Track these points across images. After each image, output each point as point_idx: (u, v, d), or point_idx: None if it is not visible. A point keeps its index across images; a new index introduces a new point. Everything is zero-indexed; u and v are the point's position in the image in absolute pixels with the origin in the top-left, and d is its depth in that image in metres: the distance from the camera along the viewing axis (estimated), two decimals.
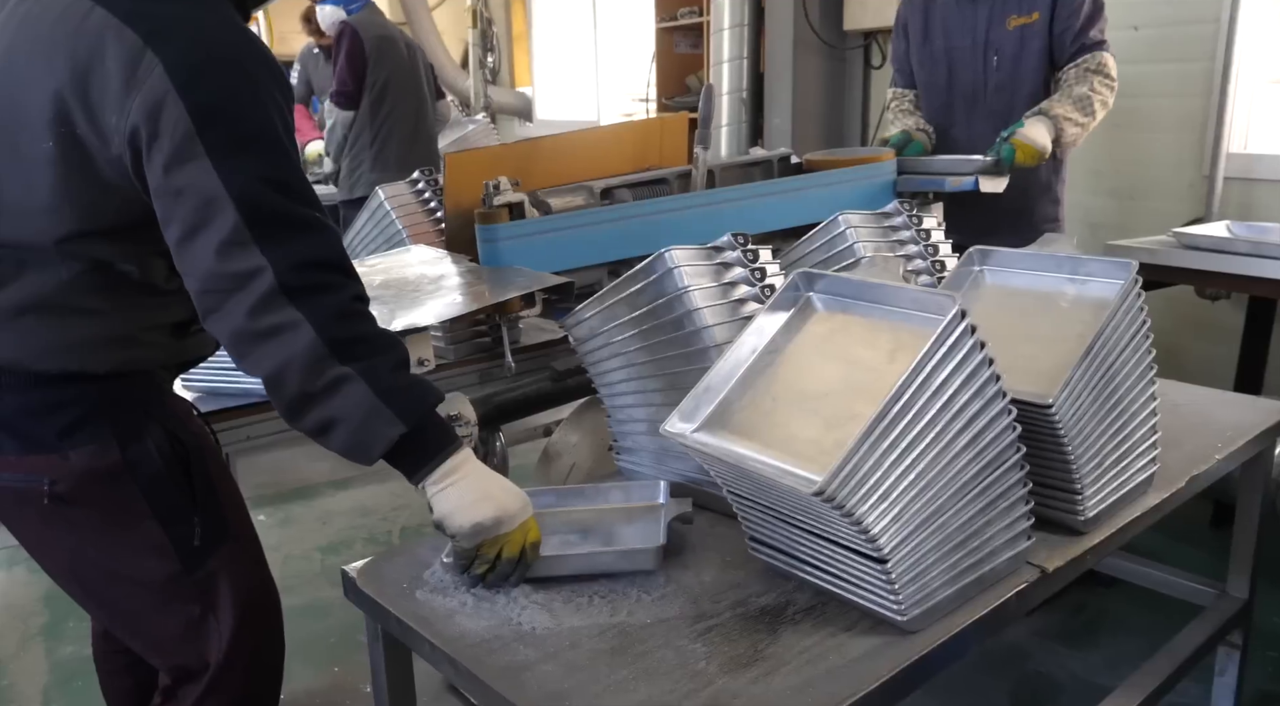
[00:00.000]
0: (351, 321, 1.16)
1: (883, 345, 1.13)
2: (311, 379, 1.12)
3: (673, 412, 1.18)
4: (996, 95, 2.71)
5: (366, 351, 1.15)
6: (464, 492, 1.20)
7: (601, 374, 1.58)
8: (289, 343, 1.12)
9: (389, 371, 1.15)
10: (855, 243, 1.66)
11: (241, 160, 1.13)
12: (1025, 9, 2.62)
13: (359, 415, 1.13)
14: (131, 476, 1.29)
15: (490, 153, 2.04)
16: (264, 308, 1.12)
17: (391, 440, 1.15)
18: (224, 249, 1.12)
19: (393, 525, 3.29)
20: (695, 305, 1.41)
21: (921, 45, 2.84)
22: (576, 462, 1.93)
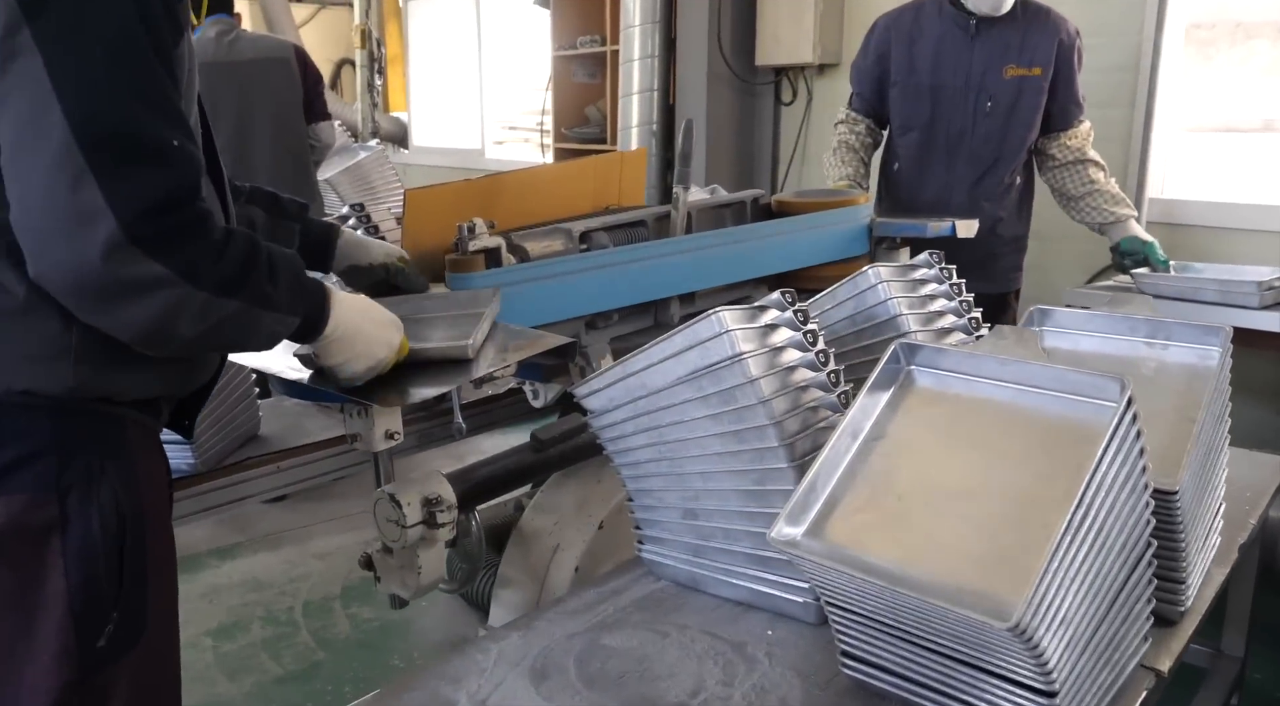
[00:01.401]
0: (225, 259, 1.03)
1: (1025, 433, 0.97)
2: (201, 322, 1.03)
3: (778, 518, 0.98)
4: (984, 142, 2.67)
5: (249, 279, 1.06)
6: (349, 341, 1.23)
7: (624, 452, 1.37)
8: (159, 298, 0.99)
9: (271, 284, 1.09)
10: (889, 299, 1.51)
11: (82, 58, 0.94)
12: (1026, 61, 2.58)
13: (258, 332, 1.12)
14: (61, 545, 1.05)
15: (453, 190, 1.79)
16: (113, 258, 0.95)
17: (284, 335, 1.16)
18: (52, 174, 0.93)
19: (293, 600, 2.92)
20: (751, 375, 1.22)
21: (906, 78, 2.72)
22: (560, 544, 1.70)
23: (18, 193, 0.96)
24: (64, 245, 0.94)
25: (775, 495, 1.23)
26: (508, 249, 1.69)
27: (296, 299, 1.14)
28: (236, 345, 1.19)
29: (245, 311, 1.07)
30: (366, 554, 1.59)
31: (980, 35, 2.61)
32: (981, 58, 2.61)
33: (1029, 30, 2.60)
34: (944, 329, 1.53)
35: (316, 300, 1.19)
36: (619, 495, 1.73)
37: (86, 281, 0.96)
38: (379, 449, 1.50)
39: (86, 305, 0.99)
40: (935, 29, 2.67)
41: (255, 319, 1.09)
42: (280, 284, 1.10)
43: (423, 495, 1.47)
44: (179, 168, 1.00)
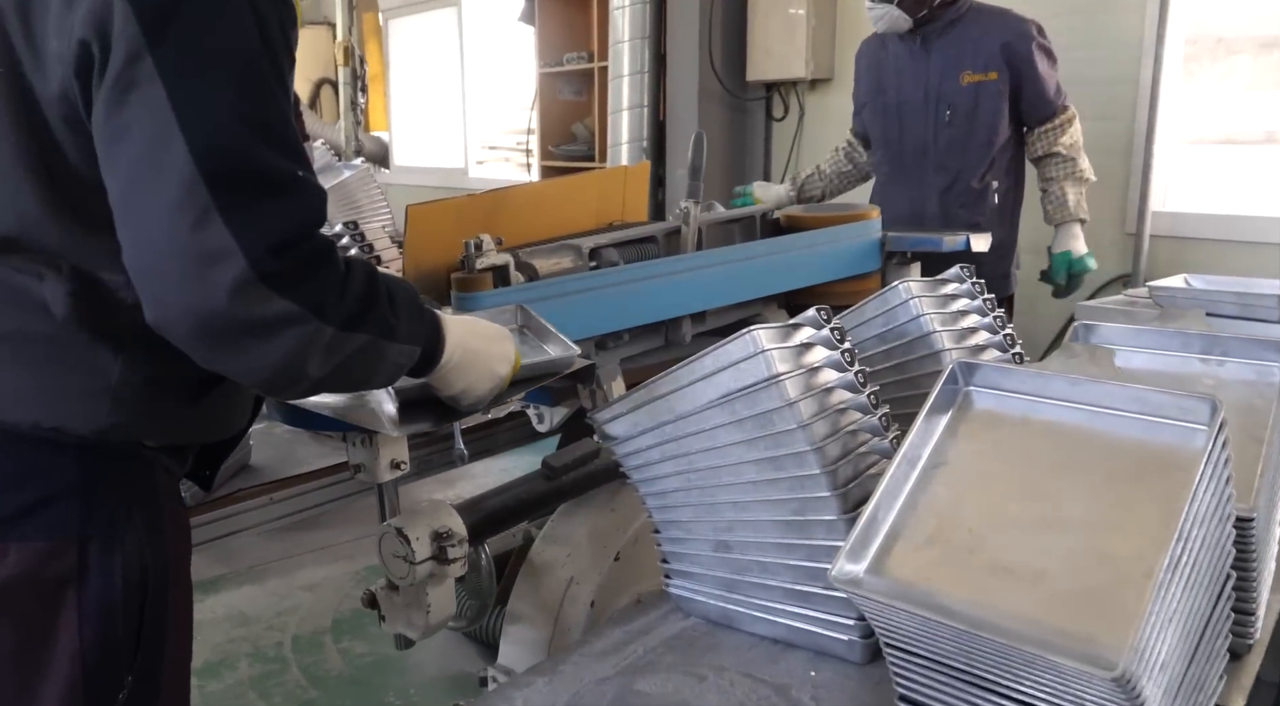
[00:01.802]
0: (350, 291, 0.97)
1: (1103, 458, 0.90)
2: (330, 360, 0.96)
3: (839, 554, 0.90)
4: (948, 151, 2.71)
5: (373, 310, 1.00)
6: (468, 365, 1.17)
7: (649, 481, 1.28)
8: (289, 337, 0.92)
9: (393, 313, 1.03)
10: (920, 315, 1.44)
11: (207, 88, 0.88)
12: (981, 66, 2.60)
13: (383, 365, 1.05)
14: (76, 599, 0.97)
15: (455, 205, 1.71)
16: (242, 298, 0.88)
17: (407, 367, 1.09)
18: (174, 212, 0.86)
19: (282, 635, 2.80)
20: (790, 397, 1.14)
21: (875, 97, 2.83)
22: (574, 577, 1.61)
23: (134, 234, 0.89)
24: (189, 288, 0.87)
25: (816, 525, 1.16)
26: (515, 266, 1.61)
27: (417, 328, 1.08)
28: (361, 382, 1.09)
29: (372, 344, 1.00)
30: (370, 591, 1.50)
31: (935, 47, 2.67)
32: (938, 68, 2.67)
33: (982, 35, 2.63)
34: (978, 346, 1.46)
35: (433, 327, 1.12)
36: (635, 524, 1.65)
37: (214, 324, 0.89)
38: (384, 479, 1.42)
39: (213, 350, 0.92)
40: (897, 48, 2.76)
41: (381, 352, 1.02)
42: (400, 313, 1.04)
43: (432, 529, 1.38)
44: (304, 199, 0.94)
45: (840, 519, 1.13)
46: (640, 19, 4.06)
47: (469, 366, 1.17)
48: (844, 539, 1.14)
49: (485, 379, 1.20)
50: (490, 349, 1.21)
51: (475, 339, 1.19)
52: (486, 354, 1.20)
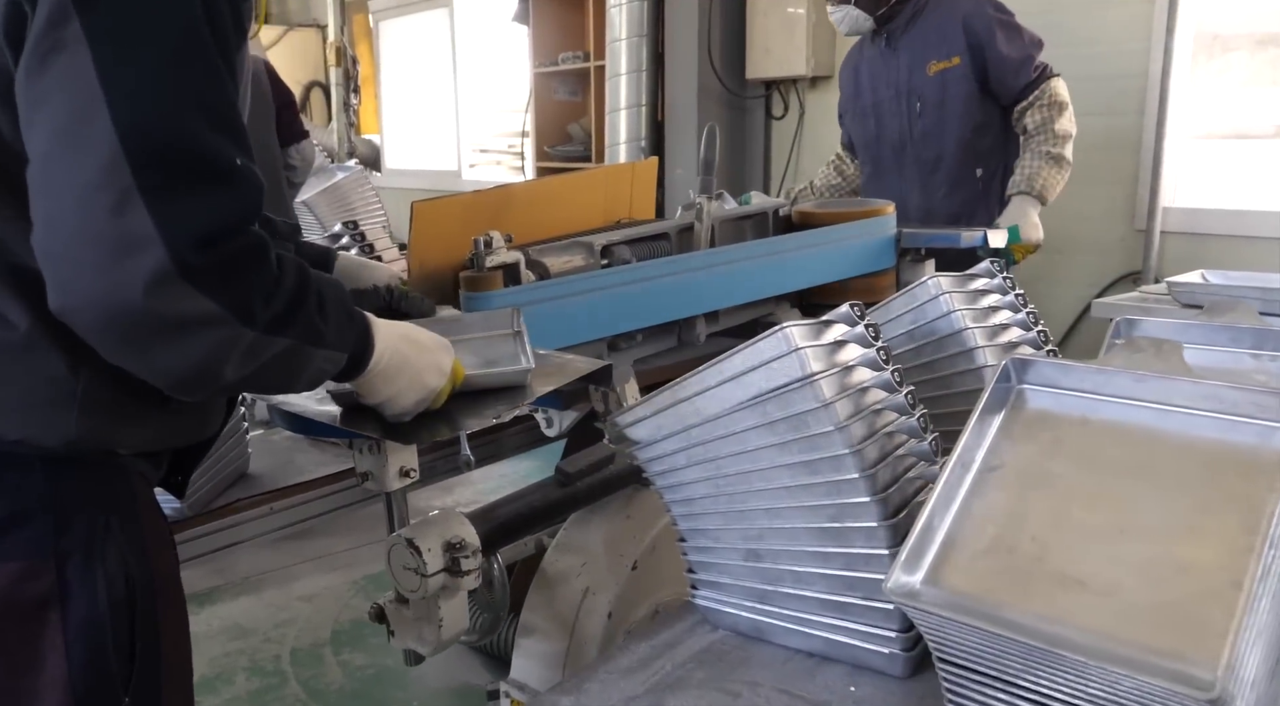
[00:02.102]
0: (279, 292, 0.90)
1: (1175, 460, 0.84)
2: (248, 363, 0.89)
3: (894, 565, 0.84)
4: (923, 142, 2.73)
5: (300, 314, 0.93)
6: (394, 373, 1.09)
7: (675, 488, 1.22)
8: (206, 339, 0.85)
9: (321, 317, 0.95)
10: (952, 312, 1.38)
11: (138, 58, 0.79)
12: (944, 53, 2.61)
13: (305, 372, 0.97)
14: (60, 621, 0.90)
15: (461, 202, 1.65)
16: (158, 293, 0.80)
17: (330, 374, 1.01)
18: (91, 192, 0.79)
19: (280, 647, 2.73)
20: (825, 397, 1.08)
21: (853, 102, 2.87)
22: (590, 587, 1.54)
23: (46, 211, 0.81)
24: (99, 276, 0.79)
25: (855, 533, 1.10)
26: (525, 264, 1.55)
27: (345, 332, 1.00)
28: (278, 387, 1.04)
29: (295, 350, 0.93)
30: (378, 605, 1.43)
31: (900, 44, 2.69)
32: (905, 64, 2.68)
33: (941, 22, 2.62)
34: (1010, 343, 1.41)
35: (362, 330, 1.04)
36: (652, 531, 1.59)
37: (122, 319, 0.81)
38: (393, 488, 1.35)
39: (118, 346, 0.84)
40: (869, 52, 2.81)
41: (305, 358, 0.95)
42: (330, 317, 0.96)
43: (444, 539, 1.32)
44: (240, 189, 0.86)
45: (881, 525, 1.07)
46: (638, 17, 4.01)
47: (396, 374, 1.09)
48: (884, 546, 1.09)
49: (412, 389, 1.11)
50: (422, 359, 1.12)
51: (408, 346, 1.11)
52: (417, 363, 1.11)
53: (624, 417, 1.24)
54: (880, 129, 2.78)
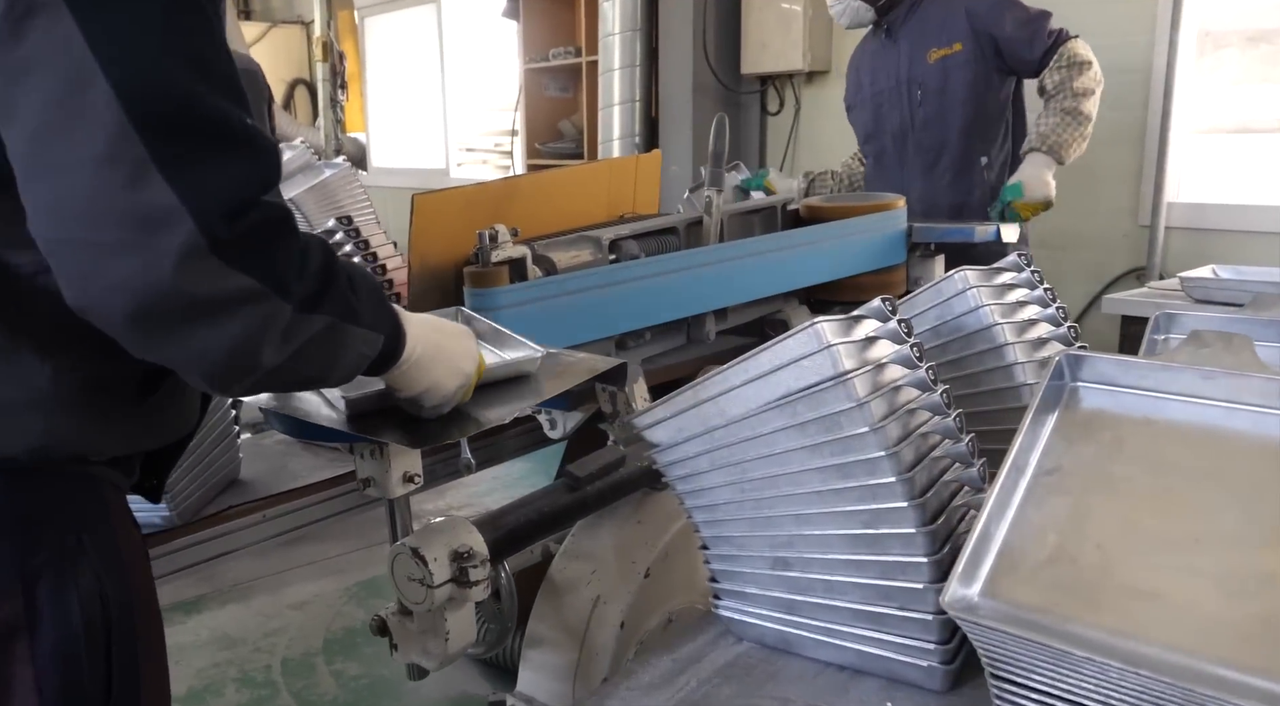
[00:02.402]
0: (309, 266, 0.84)
1: (1251, 463, 0.79)
2: (287, 346, 0.82)
3: (950, 579, 0.78)
4: (925, 131, 2.69)
5: (333, 288, 0.86)
6: (432, 360, 1.03)
7: (697, 493, 1.16)
8: (243, 318, 0.78)
9: (354, 294, 0.89)
10: (980, 307, 1.32)
11: (123, 14, 0.72)
12: (945, 40, 2.58)
13: (346, 353, 0.91)
14: (29, 650, 0.83)
15: (463, 194, 1.59)
16: (190, 271, 0.74)
17: (370, 358, 0.95)
18: (102, 167, 0.71)
19: (270, 657, 2.65)
20: (859, 396, 1.02)
21: (855, 95, 2.84)
22: (601, 595, 1.48)
23: (48, 195, 0.73)
24: (124, 258, 0.72)
25: (891, 539, 1.04)
26: (532, 259, 1.48)
27: (380, 312, 0.94)
28: (318, 375, 0.94)
29: (334, 328, 0.86)
30: (379, 617, 1.36)
31: (900, 34, 2.67)
32: (906, 53, 2.66)
33: (942, 10, 2.59)
34: (1040, 339, 1.35)
35: (395, 314, 0.98)
36: (665, 537, 1.53)
37: (156, 303, 0.74)
38: (396, 495, 1.28)
39: (153, 334, 0.77)
40: (872, 45, 2.79)
41: (343, 337, 0.88)
42: (361, 294, 0.90)
43: (451, 548, 1.25)
44: (259, 155, 0.80)
45: (919, 532, 1.02)
46: (631, 11, 3.94)
47: (433, 361, 1.04)
48: (922, 553, 1.03)
49: (452, 375, 1.07)
50: (454, 344, 1.08)
51: (437, 333, 1.06)
52: (451, 349, 1.07)
53: (643, 419, 1.17)
54: (881, 119, 2.75)
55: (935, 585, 1.02)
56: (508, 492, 3.72)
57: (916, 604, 1.04)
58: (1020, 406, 1.30)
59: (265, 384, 0.87)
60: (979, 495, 1.10)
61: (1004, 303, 1.36)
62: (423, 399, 1.06)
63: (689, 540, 1.58)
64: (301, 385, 1.01)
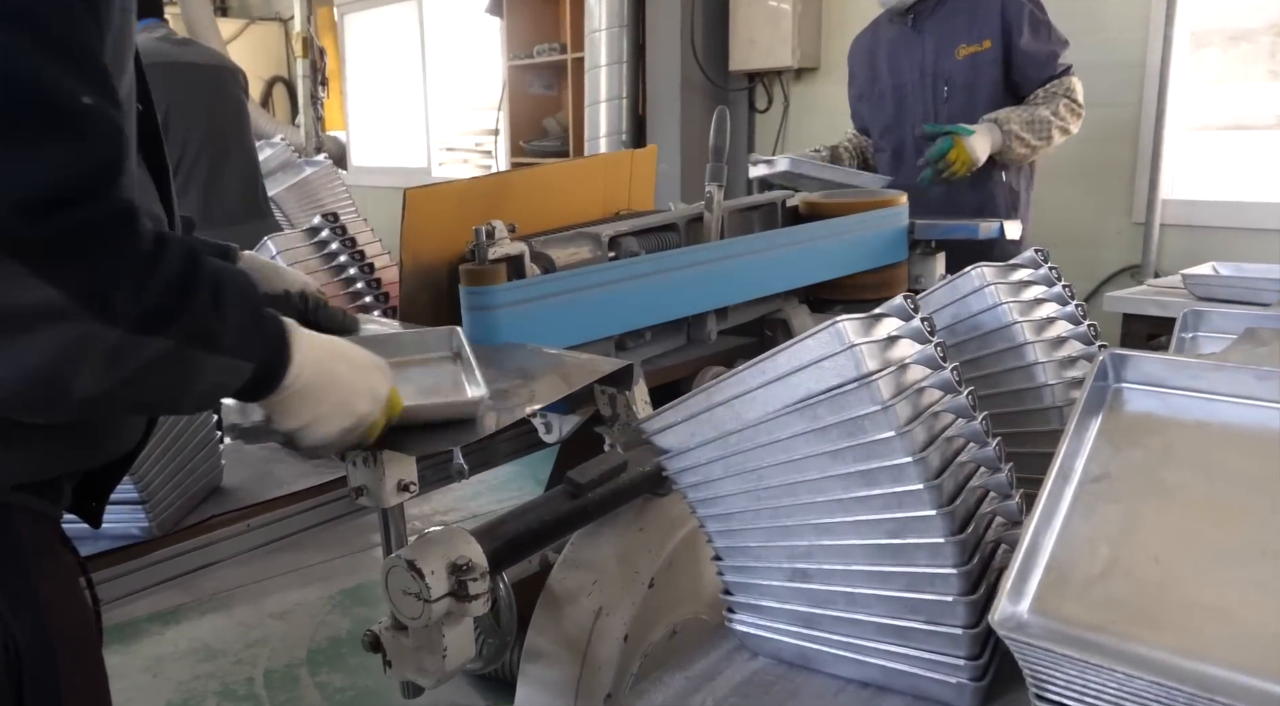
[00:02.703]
0: (154, 278, 0.71)
1: None
2: (112, 372, 0.70)
3: (999, 595, 0.73)
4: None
5: (186, 307, 0.73)
6: (316, 394, 0.87)
7: (709, 501, 1.10)
8: (45, 340, 0.66)
9: (216, 314, 0.76)
10: (998, 304, 1.28)
11: None
12: (975, 37, 2.48)
13: (194, 384, 0.77)
14: None
15: (456, 189, 1.52)
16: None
17: (232, 388, 0.82)
18: None
19: (252, 669, 2.57)
20: (883, 399, 0.97)
21: (870, 86, 2.72)
22: (603, 607, 1.42)
23: None
24: None
25: (918, 549, 0.99)
26: (529, 257, 1.42)
27: (250, 337, 0.81)
28: (159, 404, 0.82)
29: (177, 355, 0.73)
30: (372, 633, 1.29)
31: (927, 26, 2.57)
32: (932, 46, 2.56)
33: (974, 6, 2.50)
34: (1059, 338, 1.31)
35: (276, 338, 0.84)
36: (669, 545, 1.47)
37: None
38: (391, 504, 1.22)
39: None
40: (888, 34, 2.67)
41: (192, 366, 0.75)
42: (229, 316, 0.77)
43: (448, 560, 1.19)
44: (90, 138, 0.68)
45: (948, 541, 0.97)
46: (618, 7, 3.89)
47: (320, 396, 0.88)
48: (951, 564, 0.98)
49: (337, 414, 0.90)
50: (354, 379, 0.92)
51: (336, 362, 0.91)
52: (347, 384, 0.91)
53: (652, 423, 1.12)
54: (903, 114, 2.63)
55: (965, 598, 0.98)
56: (494, 496, 3.65)
57: (945, 617, 0.99)
58: (1041, 408, 1.26)
59: (87, 411, 0.76)
60: (1006, 501, 1.06)
61: (1022, 300, 1.31)
62: (298, 437, 0.91)
63: (694, 548, 1.53)
64: (141, 411, 0.88)
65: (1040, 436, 1.24)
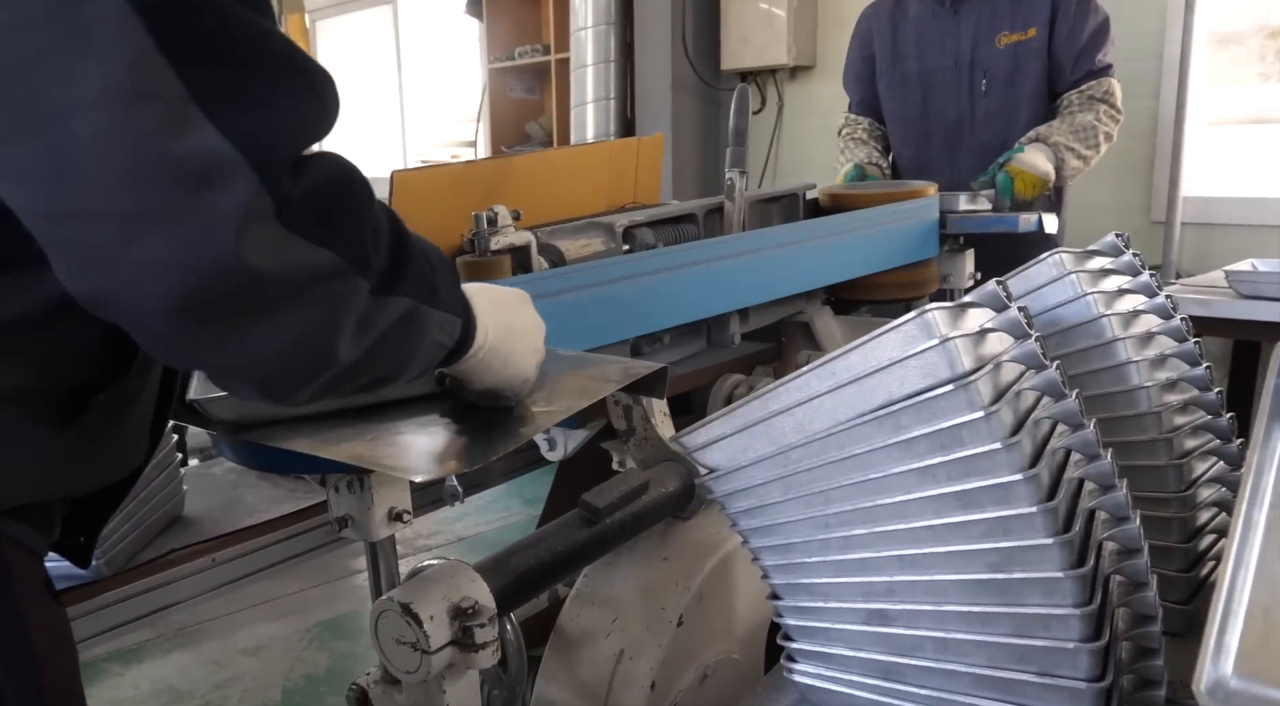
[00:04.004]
0: (384, 235, 0.68)
1: None
2: (364, 336, 0.67)
3: (1202, 655, 0.55)
4: (986, 125, 2.36)
5: (410, 261, 0.71)
6: (506, 339, 0.86)
7: (764, 531, 0.93)
8: (317, 302, 0.61)
9: (430, 269, 0.74)
10: (1083, 295, 1.11)
11: None
12: (1019, 24, 2.27)
13: (421, 346, 0.75)
14: None
15: (450, 173, 1.35)
16: (258, 239, 0.56)
17: (446, 348, 0.79)
18: (122, 107, 0.51)
19: None
20: (984, 403, 0.80)
21: (891, 67, 2.47)
22: (625, 649, 1.24)
23: (43, 154, 0.52)
24: (168, 231, 0.53)
25: (1030, 586, 0.82)
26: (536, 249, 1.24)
27: (454, 291, 0.78)
28: (394, 372, 0.74)
29: (414, 314, 0.71)
30: (359, 687, 1.10)
31: (964, 7, 2.33)
32: (969, 32, 2.32)
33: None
34: (1148, 334, 1.14)
35: (463, 293, 0.81)
36: (699, 576, 1.29)
37: (212, 287, 0.56)
38: (381, 536, 1.04)
39: (203, 329, 0.58)
40: (916, 10, 2.41)
41: (423, 324, 0.72)
42: (439, 269, 0.75)
43: (451, 602, 1.00)
44: (320, 86, 0.63)
45: (1067, 577, 0.80)
46: (605, 4, 3.73)
47: (507, 340, 0.86)
48: (1070, 604, 0.81)
49: (530, 352, 0.91)
50: (521, 317, 0.91)
51: (502, 307, 0.88)
52: (521, 324, 0.90)
53: (695, 438, 0.94)
54: (931, 103, 2.40)
55: (1088, 644, 0.81)
56: (482, 518, 3.45)
57: (1062, 667, 0.82)
58: (1136, 415, 1.10)
59: (334, 387, 0.69)
60: (1124, 525, 0.89)
61: (1105, 290, 1.15)
62: (503, 389, 0.90)
63: (724, 578, 1.35)
64: (367, 387, 0.80)
65: (1137, 447, 1.08)
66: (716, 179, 4.04)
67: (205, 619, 2.76)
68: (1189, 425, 1.12)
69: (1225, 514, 1.14)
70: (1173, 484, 1.09)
